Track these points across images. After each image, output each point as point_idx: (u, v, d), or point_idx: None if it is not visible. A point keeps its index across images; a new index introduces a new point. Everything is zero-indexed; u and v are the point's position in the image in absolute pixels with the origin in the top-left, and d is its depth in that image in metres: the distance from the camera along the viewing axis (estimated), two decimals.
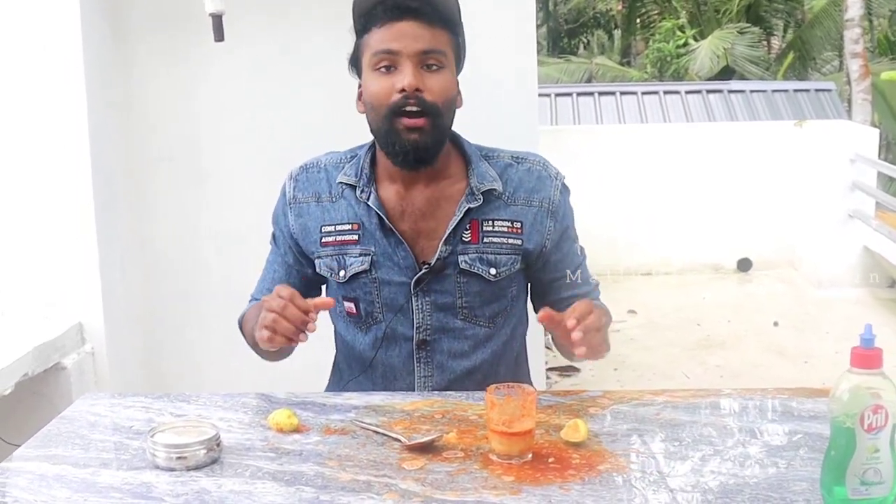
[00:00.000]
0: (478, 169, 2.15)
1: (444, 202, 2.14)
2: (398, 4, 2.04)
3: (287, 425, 1.88)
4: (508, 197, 2.16)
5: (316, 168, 2.24)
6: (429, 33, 2.05)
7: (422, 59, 2.04)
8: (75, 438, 1.88)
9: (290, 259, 2.25)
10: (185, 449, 1.72)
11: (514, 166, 2.19)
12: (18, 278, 3.19)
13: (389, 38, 2.04)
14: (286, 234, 2.24)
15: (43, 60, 3.10)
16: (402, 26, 2.04)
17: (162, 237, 3.58)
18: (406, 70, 2.02)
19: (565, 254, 2.23)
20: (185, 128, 3.54)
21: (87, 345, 3.19)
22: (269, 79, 3.51)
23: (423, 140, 2.04)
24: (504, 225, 2.15)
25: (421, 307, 2.15)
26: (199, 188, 3.57)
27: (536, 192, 2.18)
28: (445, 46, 2.08)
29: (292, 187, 2.23)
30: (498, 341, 2.21)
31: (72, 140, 3.14)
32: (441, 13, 2.08)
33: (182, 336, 3.62)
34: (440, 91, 2.05)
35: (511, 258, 2.15)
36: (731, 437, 1.83)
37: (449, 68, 2.09)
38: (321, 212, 2.19)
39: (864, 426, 1.45)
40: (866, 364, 1.47)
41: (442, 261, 2.12)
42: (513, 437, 1.71)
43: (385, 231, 2.13)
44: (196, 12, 2.77)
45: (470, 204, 2.12)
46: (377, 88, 2.05)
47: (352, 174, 2.17)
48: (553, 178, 2.21)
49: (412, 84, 2.01)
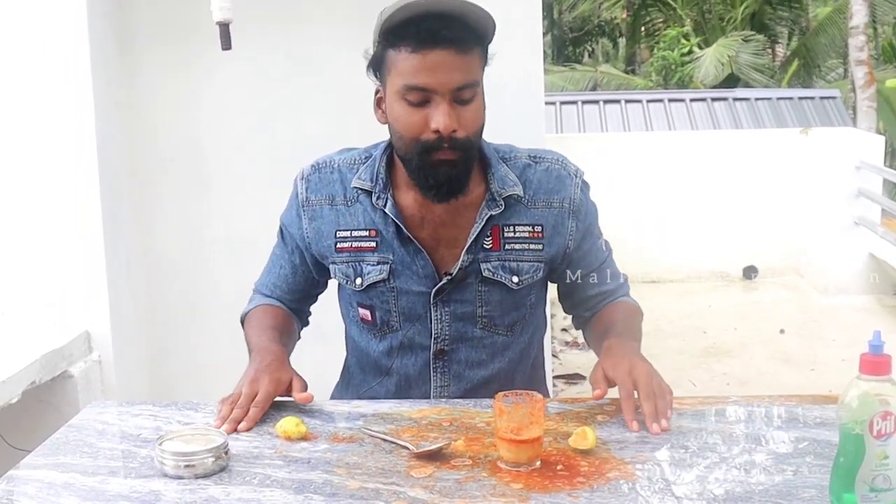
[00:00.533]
0: (498, 173, 2.10)
1: (465, 209, 2.09)
2: (433, 31, 1.91)
3: (295, 433, 1.88)
4: (529, 200, 2.11)
5: (329, 168, 2.16)
6: (464, 63, 1.94)
7: (456, 95, 1.94)
8: (83, 446, 1.88)
9: (296, 259, 2.23)
10: (194, 457, 1.72)
11: (533, 166, 2.13)
12: (25, 286, 3.20)
13: (423, 70, 1.92)
14: (297, 236, 2.19)
15: (50, 66, 3.11)
16: (436, 57, 1.91)
17: (168, 244, 3.58)
18: (441, 109, 1.92)
19: (588, 251, 2.19)
20: (191, 134, 3.55)
21: (94, 353, 3.19)
22: (273, 85, 3.53)
23: (457, 172, 1.98)
24: (525, 230, 2.10)
25: (440, 317, 2.12)
26: (205, 194, 3.58)
27: (556, 192, 2.13)
28: (478, 71, 1.99)
29: (304, 188, 2.16)
30: (516, 349, 2.20)
31: (78, 147, 3.14)
32: (477, 34, 1.98)
33: (189, 343, 3.62)
34: (473, 123, 1.98)
35: (533, 265, 2.12)
36: (737, 445, 1.82)
37: (480, 92, 2.01)
38: (335, 216, 2.13)
39: (874, 433, 1.45)
40: (875, 370, 1.47)
41: (464, 270, 2.09)
42: (521, 444, 1.70)
43: (403, 240, 2.08)
44: (201, 19, 2.77)
45: (492, 211, 2.08)
46: (408, 120, 1.96)
47: (367, 178, 2.10)
48: (573, 177, 2.16)
49: (448, 127, 1.92)
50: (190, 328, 3.62)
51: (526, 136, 3.22)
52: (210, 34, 2.53)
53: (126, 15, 3.43)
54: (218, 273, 3.61)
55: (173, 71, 3.51)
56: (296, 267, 2.24)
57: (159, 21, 3.48)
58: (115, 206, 3.28)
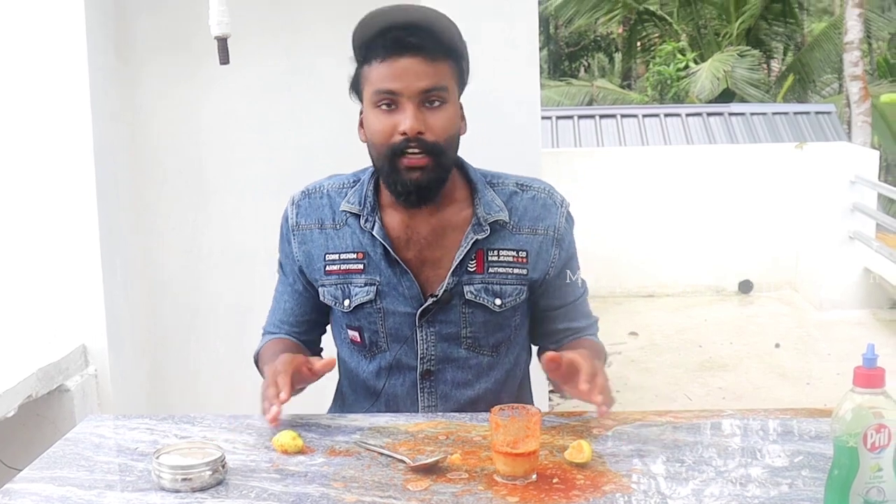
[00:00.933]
0: (484, 197, 2.13)
1: (450, 231, 2.12)
2: (399, 40, 2.01)
3: (292, 447, 1.88)
4: (514, 226, 2.14)
5: (318, 193, 2.20)
6: (431, 69, 2.01)
7: (423, 97, 2.00)
8: (80, 460, 1.88)
9: (299, 287, 2.23)
10: (191, 470, 1.72)
11: (520, 194, 2.17)
12: (21, 300, 3.20)
13: (390, 76, 2.00)
14: (292, 260, 2.21)
15: (48, 77, 3.12)
16: (403, 63, 2.00)
17: (165, 258, 3.59)
18: (407, 111, 1.99)
19: (564, 283, 2.21)
20: (189, 146, 3.56)
21: (90, 367, 3.20)
22: (273, 99, 3.54)
23: (426, 178, 2.02)
24: (509, 255, 2.13)
25: (425, 337, 2.14)
26: (203, 207, 3.58)
27: (542, 220, 2.16)
28: (447, 80, 2.04)
29: (295, 213, 2.20)
30: (501, 370, 2.21)
31: (76, 160, 3.15)
32: (443, 45, 2.05)
33: (186, 357, 3.63)
34: (442, 129, 2.02)
35: (516, 289, 2.14)
36: (733, 458, 1.83)
37: (451, 101, 2.06)
38: (325, 239, 2.17)
39: (868, 445, 1.46)
40: (869, 383, 1.48)
41: (448, 292, 2.11)
42: (517, 457, 1.71)
43: (390, 261, 2.11)
44: (200, 32, 2.78)
45: (477, 235, 2.10)
46: (378, 127, 2.03)
47: (355, 202, 2.14)
48: (558, 206, 2.19)
49: (413, 128, 1.98)
50: (187, 342, 3.63)
51: (523, 151, 3.26)
52: (208, 45, 2.54)
53: (124, 26, 3.44)
54: (215, 286, 3.62)
55: (172, 82, 3.52)
56: (299, 295, 2.24)
57: (158, 33, 3.49)
58: (112, 219, 3.28)
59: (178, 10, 3.45)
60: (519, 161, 2.48)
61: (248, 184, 3.57)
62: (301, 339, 2.30)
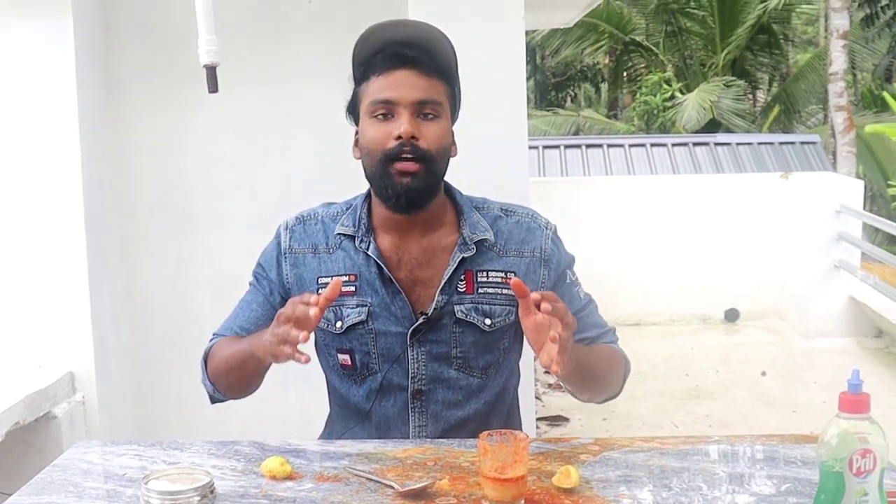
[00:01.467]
0: (470, 219, 2.18)
1: (440, 252, 2.16)
2: (397, 53, 2.09)
3: (280, 472, 1.88)
4: (500, 248, 2.18)
5: (313, 220, 2.24)
6: (426, 83, 2.08)
7: (418, 108, 2.07)
8: (68, 486, 1.88)
9: (275, 300, 2.22)
10: (179, 496, 1.72)
11: (504, 218, 2.22)
12: (10, 328, 3.20)
13: (387, 86, 2.07)
14: (277, 281, 2.22)
15: (37, 108, 3.14)
16: (399, 75, 2.07)
17: (152, 285, 3.59)
18: (403, 118, 2.05)
19: (563, 296, 2.19)
20: (176, 176, 3.56)
21: (78, 394, 3.19)
22: (259, 130, 3.55)
23: (416, 184, 2.06)
24: (498, 276, 2.16)
25: (416, 357, 2.16)
26: (190, 236, 3.59)
27: (527, 242, 2.20)
28: (441, 97, 2.11)
29: (288, 237, 2.23)
30: (490, 392, 2.22)
31: (64, 188, 3.16)
32: (438, 64, 2.12)
33: (173, 384, 3.62)
34: (434, 139, 2.08)
35: (505, 309, 2.16)
36: (720, 484, 1.84)
37: (444, 118, 2.12)
38: (318, 263, 2.19)
39: (853, 470, 1.47)
40: (854, 409, 1.49)
41: (439, 310, 2.13)
42: (505, 483, 1.71)
43: (384, 280, 2.14)
44: (187, 63, 2.80)
45: (463, 254, 2.14)
46: (374, 134, 2.07)
47: (350, 224, 2.18)
48: (543, 229, 2.23)
49: (408, 131, 2.04)
50: (174, 369, 3.62)
51: (510, 180, 3.26)
52: (197, 76, 2.55)
53: (113, 58, 3.46)
54: (202, 314, 3.60)
55: (159, 113, 3.53)
56: (272, 308, 2.20)
57: (146, 63, 3.50)
58: (99, 248, 3.29)
59: (167, 40, 3.46)
60: (506, 189, 2.50)
61: (233, 212, 3.58)
62: None
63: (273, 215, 2.30)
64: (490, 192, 2.32)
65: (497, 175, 3.22)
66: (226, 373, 2.17)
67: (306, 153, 3.52)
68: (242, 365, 2.10)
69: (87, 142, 3.21)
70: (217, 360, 2.20)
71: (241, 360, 2.10)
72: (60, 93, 3.14)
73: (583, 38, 17.34)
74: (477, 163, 3.14)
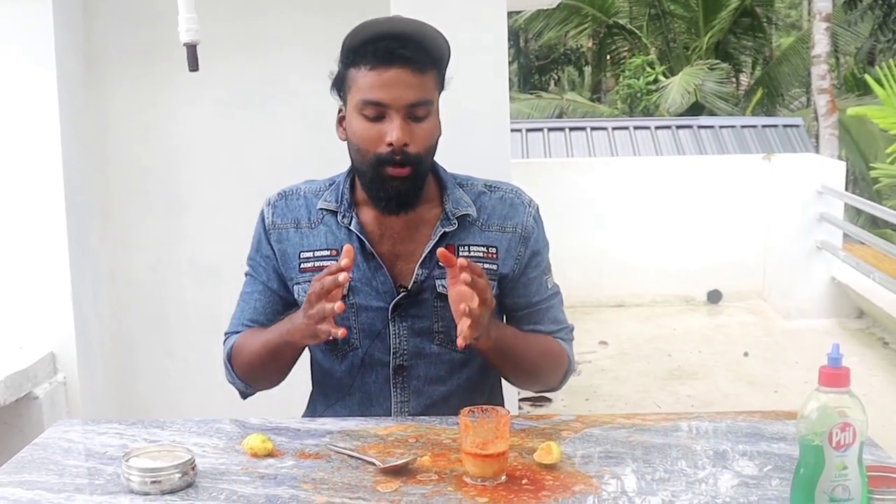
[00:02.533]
0: (453, 195, 2.18)
1: (422, 226, 2.17)
2: (391, 50, 2.04)
3: (261, 450, 1.88)
4: (483, 223, 2.19)
5: (295, 195, 2.24)
6: (418, 81, 2.05)
7: (410, 111, 2.05)
8: (49, 464, 1.88)
9: (273, 285, 2.24)
10: (160, 473, 1.72)
11: (488, 194, 2.23)
12: None
13: (379, 86, 2.04)
14: (270, 263, 2.23)
15: (17, 90, 3.12)
16: (392, 75, 2.03)
17: (134, 266, 3.58)
18: (394, 123, 2.03)
19: (532, 280, 2.23)
20: (158, 157, 3.55)
21: (59, 374, 3.18)
22: (243, 109, 3.53)
23: (406, 187, 2.08)
24: (479, 250, 2.17)
25: (398, 332, 2.16)
26: (172, 216, 3.57)
27: (510, 218, 2.20)
28: (432, 91, 2.10)
29: (271, 213, 2.23)
30: (473, 367, 2.22)
31: (45, 171, 3.14)
32: (432, 57, 2.10)
33: (154, 365, 3.61)
34: (424, 140, 2.08)
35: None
36: (700, 460, 1.85)
37: (434, 111, 2.12)
38: (300, 238, 2.20)
39: (833, 444, 1.48)
40: (834, 383, 1.50)
41: (419, 284, 2.14)
42: (487, 459, 1.72)
43: (366, 255, 2.14)
44: (171, 44, 2.78)
45: (445, 228, 2.15)
46: (364, 135, 2.06)
47: (332, 200, 2.19)
48: (526, 206, 2.24)
49: (400, 140, 2.03)
50: (156, 350, 3.61)
51: (492, 162, 3.26)
52: (178, 57, 2.54)
53: (94, 38, 3.43)
54: (184, 294, 3.61)
55: (142, 93, 3.51)
56: (273, 293, 2.25)
57: (127, 44, 3.48)
58: (81, 228, 3.27)
59: (148, 21, 3.44)
60: (488, 172, 2.49)
61: (216, 193, 3.56)
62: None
63: (258, 197, 2.30)
64: (472, 172, 2.31)
65: (480, 157, 3.21)
66: (261, 366, 2.19)
67: (291, 136, 3.51)
68: (277, 355, 2.13)
69: (68, 122, 3.19)
70: (247, 357, 2.20)
71: (275, 351, 2.12)
72: (40, 72, 3.12)
73: (566, 21, 17.29)
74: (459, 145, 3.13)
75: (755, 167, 7.81)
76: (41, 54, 3.12)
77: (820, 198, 7.13)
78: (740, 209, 7.73)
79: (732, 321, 7.31)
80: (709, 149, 10.31)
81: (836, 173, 7.30)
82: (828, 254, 7.12)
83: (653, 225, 7.75)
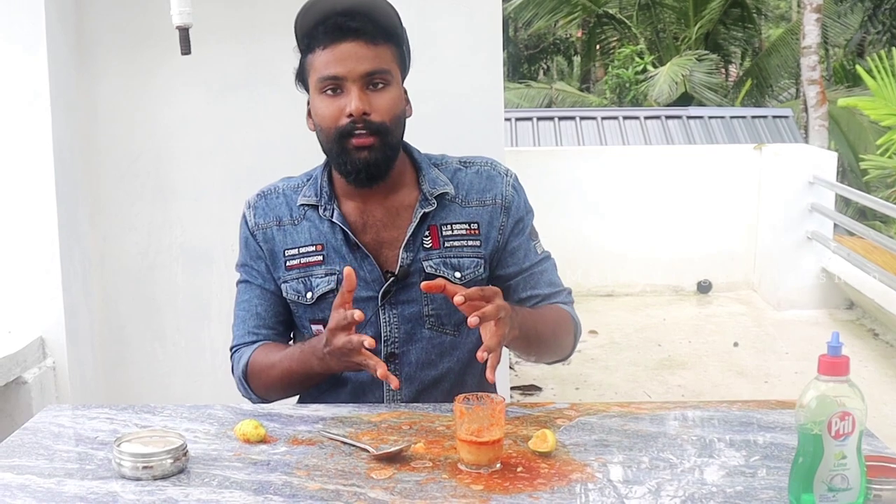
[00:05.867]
0: (429, 175, 2.19)
1: (403, 211, 2.17)
2: (339, 25, 2.07)
3: (254, 436, 1.87)
4: (462, 200, 2.20)
5: (274, 193, 2.25)
6: (372, 52, 2.07)
7: (367, 80, 2.06)
8: (39, 449, 1.87)
9: (271, 286, 2.23)
10: (152, 458, 1.71)
11: (463, 170, 2.23)
12: None
13: (333, 61, 2.06)
14: (261, 265, 2.22)
15: (8, 74, 3.09)
16: (344, 48, 2.06)
17: (124, 250, 3.55)
18: (352, 94, 2.05)
19: (519, 248, 2.23)
20: (149, 141, 3.52)
21: (48, 359, 3.16)
22: (234, 95, 3.51)
23: (374, 157, 2.07)
24: (462, 228, 2.18)
25: (388, 319, 2.16)
26: (162, 201, 3.55)
27: (488, 191, 2.21)
28: (390, 63, 2.10)
29: (252, 214, 2.24)
30: (464, 350, 2.21)
31: (35, 155, 3.11)
32: (383, 29, 2.11)
33: (144, 350, 3.59)
34: (387, 109, 2.08)
35: (474, 261, 2.17)
36: (696, 447, 1.84)
37: (395, 83, 2.12)
38: (283, 236, 2.20)
39: (832, 433, 1.47)
40: (833, 371, 1.49)
41: (405, 268, 2.14)
42: (482, 446, 1.71)
43: (350, 246, 2.15)
44: (162, 28, 2.76)
45: (424, 209, 2.15)
46: (325, 112, 2.08)
47: (312, 194, 2.19)
48: (503, 175, 2.24)
49: (359, 109, 2.04)
50: (146, 335, 3.59)
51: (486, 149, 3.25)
52: (169, 43, 2.53)
53: (84, 22, 3.40)
54: (174, 279, 3.58)
55: (133, 78, 3.48)
56: (272, 294, 2.24)
57: (118, 28, 3.45)
58: (70, 212, 3.25)
59: (139, 5, 3.41)
60: None
61: (207, 178, 3.54)
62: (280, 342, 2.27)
63: (246, 182, 2.30)
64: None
65: (473, 145, 3.20)
66: (284, 390, 2.20)
67: (279, 121, 3.47)
68: (305, 381, 2.16)
69: (58, 105, 3.16)
70: (268, 381, 2.19)
71: (302, 379, 2.14)
72: (30, 55, 3.09)
73: (556, 11, 17.25)
74: (454, 132, 3.14)
75: (746, 157, 7.81)
76: (32, 38, 3.09)
77: (811, 188, 7.13)
78: (731, 199, 7.73)
79: (722, 311, 7.31)
80: (698, 139, 10.29)
81: (827, 164, 7.29)
82: (818, 244, 7.13)
83: (643, 215, 7.74)
